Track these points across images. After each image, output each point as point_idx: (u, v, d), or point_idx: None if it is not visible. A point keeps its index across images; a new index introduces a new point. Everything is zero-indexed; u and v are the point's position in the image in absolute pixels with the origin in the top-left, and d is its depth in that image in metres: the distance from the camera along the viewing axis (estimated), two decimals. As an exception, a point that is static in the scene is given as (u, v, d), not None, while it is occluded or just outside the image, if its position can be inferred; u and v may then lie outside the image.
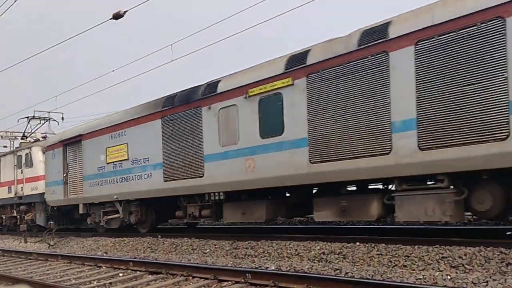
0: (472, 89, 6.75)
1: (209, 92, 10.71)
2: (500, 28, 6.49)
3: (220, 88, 10.47)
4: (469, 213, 10.77)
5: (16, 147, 22.25)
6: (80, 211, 15.06)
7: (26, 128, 22.52)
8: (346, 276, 6.54)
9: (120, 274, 8.35)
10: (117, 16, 11.96)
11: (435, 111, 7.09)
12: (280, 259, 8.41)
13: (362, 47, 7.96)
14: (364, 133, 7.90)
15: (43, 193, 17.35)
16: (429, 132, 7.16)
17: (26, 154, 19.26)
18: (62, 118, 28.63)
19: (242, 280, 6.70)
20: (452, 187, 7.24)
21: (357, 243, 8.22)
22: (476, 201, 7.24)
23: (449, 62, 6.97)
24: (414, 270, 6.60)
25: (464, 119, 6.82)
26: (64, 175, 15.50)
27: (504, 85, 6.47)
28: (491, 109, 6.58)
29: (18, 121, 26.07)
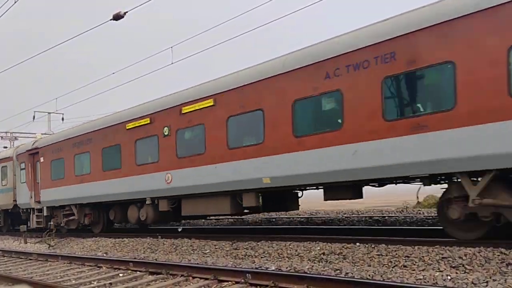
0: None
1: None
2: None
3: None
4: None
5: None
6: None
7: None
8: (346, 276, 6.54)
9: (120, 275, 8.35)
10: (117, 17, 11.93)
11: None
12: (280, 259, 8.40)
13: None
14: None
15: None
16: None
17: None
18: (62, 119, 28.75)
19: (242, 280, 6.70)
20: None
21: (357, 244, 8.22)
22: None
23: None
24: (414, 270, 6.59)
25: None
26: None
27: None
28: None
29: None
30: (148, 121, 12.49)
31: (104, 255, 11.39)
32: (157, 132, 12.21)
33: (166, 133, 11.93)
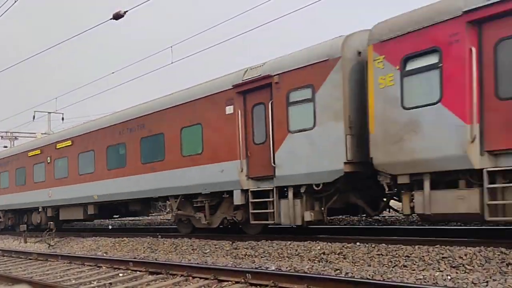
0: None
1: None
2: None
3: None
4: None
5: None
6: None
7: None
8: (346, 276, 6.54)
9: (120, 274, 8.35)
10: (117, 16, 11.90)
11: None
12: (280, 259, 8.40)
13: None
14: None
15: None
16: None
17: None
18: (62, 119, 28.77)
19: (242, 280, 6.70)
20: None
21: (358, 243, 8.22)
22: None
23: None
24: (414, 270, 6.59)
25: None
26: None
27: None
28: None
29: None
30: (39, 152, 18.03)
31: (104, 254, 11.39)
32: (44, 159, 17.72)
33: (49, 161, 17.44)
